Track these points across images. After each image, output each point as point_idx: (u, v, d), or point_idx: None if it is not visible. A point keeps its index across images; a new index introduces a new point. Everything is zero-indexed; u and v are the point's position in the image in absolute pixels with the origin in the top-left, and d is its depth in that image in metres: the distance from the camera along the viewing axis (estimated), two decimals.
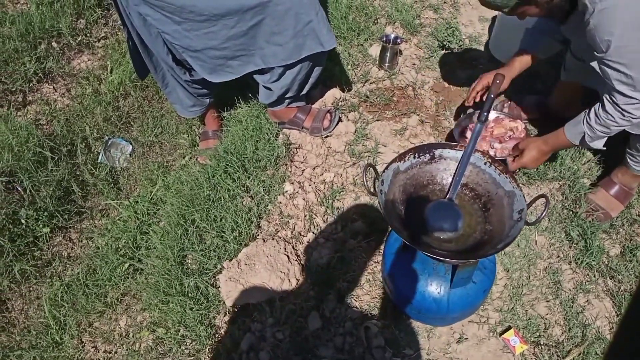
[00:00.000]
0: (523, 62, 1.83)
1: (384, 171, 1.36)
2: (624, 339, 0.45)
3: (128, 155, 2.35)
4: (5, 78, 2.43)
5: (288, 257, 1.70)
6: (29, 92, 2.49)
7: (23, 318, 1.86)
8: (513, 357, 1.58)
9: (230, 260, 1.73)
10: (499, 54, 2.50)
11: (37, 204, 2.06)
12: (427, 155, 1.43)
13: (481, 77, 1.88)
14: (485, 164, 1.40)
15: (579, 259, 1.78)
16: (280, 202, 1.93)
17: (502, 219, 1.32)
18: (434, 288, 1.46)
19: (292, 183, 1.98)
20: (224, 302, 1.69)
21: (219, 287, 1.70)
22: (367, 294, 1.71)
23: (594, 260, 1.76)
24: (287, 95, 2.01)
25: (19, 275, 1.91)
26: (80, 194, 2.16)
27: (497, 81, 1.46)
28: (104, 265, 1.91)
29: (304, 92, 2.06)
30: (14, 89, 2.45)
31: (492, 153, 1.79)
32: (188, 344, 1.65)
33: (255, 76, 1.96)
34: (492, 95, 1.45)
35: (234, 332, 1.63)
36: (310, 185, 1.98)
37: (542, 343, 1.60)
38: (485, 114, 1.43)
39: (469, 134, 1.62)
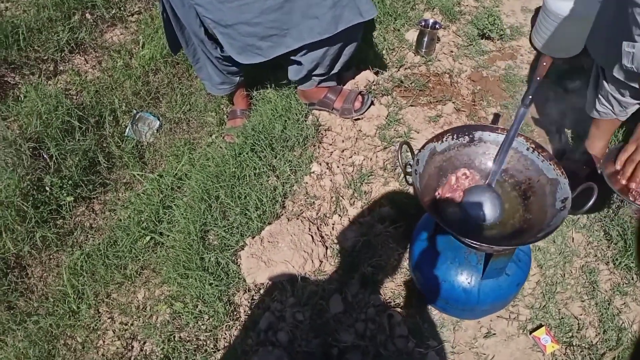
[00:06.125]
0: None
1: (419, 151, 1.30)
2: None
3: (155, 131, 2.33)
4: (38, 46, 2.42)
5: (312, 237, 1.64)
6: (60, 62, 2.48)
7: (42, 285, 1.85)
8: (543, 356, 1.50)
9: (253, 237, 1.69)
10: (542, 46, 2.40)
11: (62, 172, 2.05)
12: (467, 137, 1.36)
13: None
14: (527, 149, 1.32)
15: (617, 259, 1.69)
16: (307, 183, 1.87)
17: (543, 207, 1.25)
18: (464, 278, 1.38)
19: (320, 164, 1.92)
20: (244, 279, 1.64)
21: (240, 263, 1.66)
22: (391, 281, 1.64)
23: (633, 262, 1.67)
24: (316, 72, 1.93)
25: (40, 242, 1.90)
26: (105, 165, 2.15)
27: (544, 63, 1.38)
28: (125, 237, 1.89)
29: (334, 70, 1.98)
30: (46, 58, 2.45)
31: None
32: (205, 319, 1.62)
33: None
34: (538, 78, 1.36)
35: (253, 310, 1.59)
36: (338, 167, 1.92)
37: (574, 344, 1.52)
38: (530, 97, 1.34)
39: (618, 167, 1.43)
